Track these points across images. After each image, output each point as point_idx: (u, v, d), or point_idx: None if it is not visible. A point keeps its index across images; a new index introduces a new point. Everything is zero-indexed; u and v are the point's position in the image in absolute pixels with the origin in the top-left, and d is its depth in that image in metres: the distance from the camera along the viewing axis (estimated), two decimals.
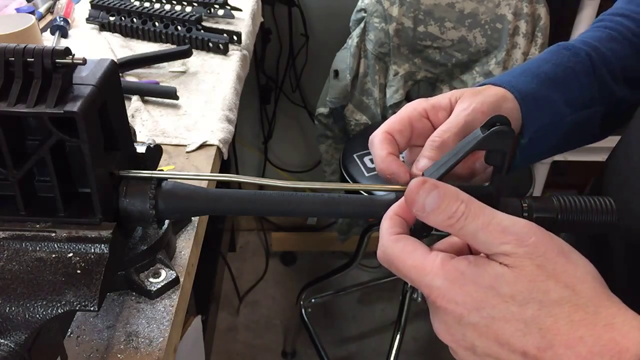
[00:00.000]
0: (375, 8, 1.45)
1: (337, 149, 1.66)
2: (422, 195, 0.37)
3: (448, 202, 0.36)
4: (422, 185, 0.37)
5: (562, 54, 0.55)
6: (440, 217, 0.36)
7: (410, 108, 0.49)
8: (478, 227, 0.35)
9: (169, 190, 0.48)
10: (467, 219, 0.36)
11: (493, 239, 0.35)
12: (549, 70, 0.53)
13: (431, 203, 0.36)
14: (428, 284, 0.36)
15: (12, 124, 0.45)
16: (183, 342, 0.71)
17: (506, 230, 0.35)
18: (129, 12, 1.14)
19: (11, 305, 0.43)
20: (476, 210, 0.36)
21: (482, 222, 0.35)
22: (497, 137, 0.39)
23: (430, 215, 0.37)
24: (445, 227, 0.37)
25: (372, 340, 1.87)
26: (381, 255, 0.39)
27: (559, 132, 0.53)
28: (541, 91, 0.51)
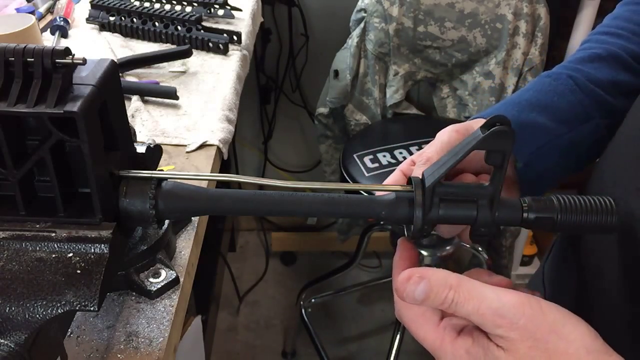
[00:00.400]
0: (375, 8, 1.45)
1: (337, 149, 1.66)
2: (411, 288, 0.39)
3: (437, 291, 0.38)
4: (409, 279, 0.39)
5: (542, 82, 0.56)
6: (432, 304, 0.39)
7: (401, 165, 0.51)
8: (470, 311, 0.37)
9: (169, 190, 0.47)
10: (458, 305, 0.38)
11: (486, 322, 0.37)
12: (530, 97, 0.54)
13: (420, 294, 0.38)
14: (438, 358, 0.40)
15: (12, 124, 0.45)
16: (183, 342, 0.71)
17: (497, 313, 0.36)
18: (129, 12, 1.14)
19: (11, 305, 0.43)
20: (465, 295, 0.37)
21: (472, 307, 0.37)
22: (497, 137, 0.39)
23: (423, 304, 0.39)
24: (441, 309, 0.39)
25: (372, 340, 1.88)
26: (398, 315, 0.42)
27: (559, 150, 0.53)
28: (523, 116, 0.53)
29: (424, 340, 0.40)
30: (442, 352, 0.39)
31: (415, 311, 0.41)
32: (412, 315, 0.41)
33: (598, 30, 0.61)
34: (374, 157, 1.36)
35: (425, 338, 0.40)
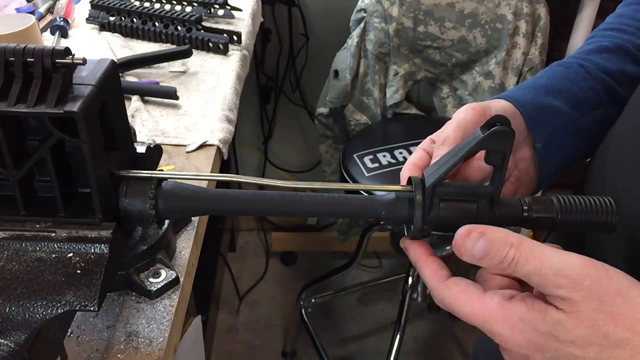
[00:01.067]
0: (375, 8, 1.45)
1: (337, 149, 1.66)
2: (470, 244, 0.37)
3: (497, 248, 0.37)
4: (469, 234, 0.38)
5: (554, 70, 0.57)
6: (490, 262, 0.37)
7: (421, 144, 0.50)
8: (530, 271, 0.36)
9: (169, 190, 0.47)
10: (518, 264, 0.36)
11: (547, 282, 0.35)
12: (544, 82, 0.55)
13: (480, 251, 0.37)
14: (489, 330, 0.37)
15: (12, 124, 0.45)
16: (183, 342, 0.71)
17: (560, 273, 0.35)
18: (129, 12, 1.14)
19: (11, 305, 0.43)
20: (527, 254, 0.36)
21: (534, 266, 0.35)
22: (497, 137, 0.39)
23: (480, 262, 0.37)
24: (498, 270, 0.38)
25: (372, 340, 1.87)
26: (439, 301, 0.40)
27: (574, 135, 0.54)
28: (540, 99, 0.53)
29: (471, 316, 0.38)
30: (492, 323, 0.37)
31: (456, 289, 0.39)
32: (454, 293, 0.39)
33: (602, 27, 0.62)
34: (374, 157, 1.36)
35: (472, 313, 0.38)
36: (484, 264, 0.37)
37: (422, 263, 0.42)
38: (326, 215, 0.46)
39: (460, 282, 0.40)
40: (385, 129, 1.54)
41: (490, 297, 0.38)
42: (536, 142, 0.53)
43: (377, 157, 1.36)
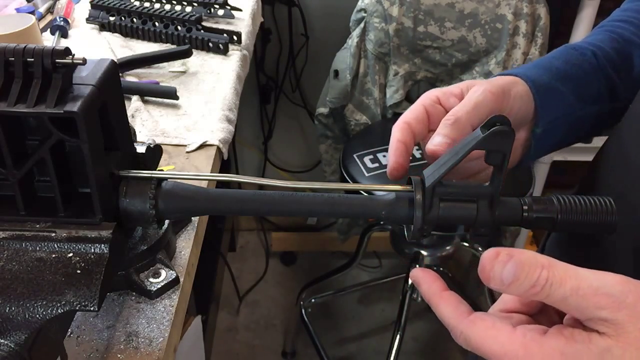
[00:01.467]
0: (375, 8, 1.45)
1: (337, 149, 1.66)
2: (498, 269, 0.34)
3: (528, 271, 0.33)
4: (496, 258, 0.34)
5: (570, 53, 0.56)
6: (521, 287, 0.33)
7: (424, 96, 0.50)
8: (567, 292, 0.32)
9: (169, 190, 0.47)
10: (553, 286, 0.33)
11: (587, 304, 0.32)
12: (560, 66, 0.54)
13: (509, 275, 0.33)
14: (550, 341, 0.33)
15: (12, 124, 0.45)
16: (183, 342, 0.71)
17: (600, 292, 0.32)
18: (129, 12, 1.14)
19: (11, 305, 0.43)
20: (561, 274, 0.33)
21: (572, 287, 0.32)
22: (497, 137, 0.39)
23: (510, 288, 0.34)
24: (529, 296, 0.34)
25: (372, 340, 1.87)
26: (462, 341, 0.36)
27: (569, 125, 0.54)
28: (553, 83, 0.52)
29: (504, 356, 0.33)
30: None
31: (483, 325, 0.35)
32: (481, 330, 0.35)
33: (611, 18, 0.62)
34: (374, 157, 1.36)
35: (504, 352, 0.33)
36: (513, 289, 0.33)
37: (438, 299, 0.38)
38: (326, 215, 0.46)
39: (486, 317, 0.35)
40: (385, 129, 1.54)
41: (522, 332, 0.34)
42: (537, 127, 0.52)
43: (377, 157, 1.36)
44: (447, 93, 0.50)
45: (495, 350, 0.34)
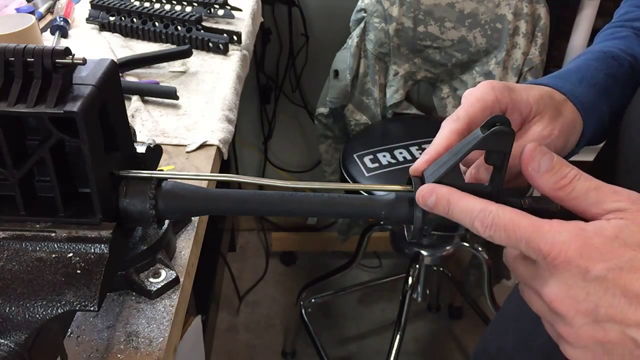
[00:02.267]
0: (375, 8, 1.45)
1: (337, 149, 1.66)
2: (538, 155, 0.38)
3: (561, 165, 0.38)
4: (537, 147, 0.38)
5: (610, 64, 0.55)
6: (554, 177, 0.37)
7: (493, 99, 0.47)
8: (591, 187, 0.37)
9: (169, 190, 0.48)
10: (580, 180, 0.37)
11: (605, 197, 0.36)
12: (602, 81, 0.53)
13: (546, 163, 0.38)
14: (550, 239, 0.35)
15: (12, 124, 0.45)
16: (183, 342, 0.71)
17: (618, 192, 0.36)
18: (129, 12, 1.14)
19: (11, 305, 0.43)
20: (586, 175, 0.37)
21: (595, 183, 0.37)
22: (497, 137, 0.39)
23: (544, 175, 0.38)
24: (556, 188, 0.37)
25: (372, 340, 1.87)
26: (488, 222, 0.38)
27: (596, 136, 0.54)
28: (597, 103, 0.52)
29: (531, 226, 0.36)
30: (553, 233, 0.35)
31: (511, 208, 0.38)
32: (511, 209, 0.37)
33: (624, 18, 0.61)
34: (374, 157, 1.36)
35: (532, 223, 0.36)
36: (546, 178, 0.38)
37: (461, 194, 0.40)
38: (326, 215, 0.46)
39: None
40: (385, 129, 1.54)
41: (547, 219, 0.37)
42: (577, 147, 0.53)
43: (377, 157, 1.36)
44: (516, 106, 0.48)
45: (524, 224, 0.36)
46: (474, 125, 0.45)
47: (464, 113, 0.46)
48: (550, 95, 0.50)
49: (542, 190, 0.39)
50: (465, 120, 0.45)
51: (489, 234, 0.38)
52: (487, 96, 0.46)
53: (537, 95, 0.49)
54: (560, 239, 0.35)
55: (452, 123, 0.45)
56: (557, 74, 0.55)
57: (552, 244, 0.35)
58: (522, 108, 0.48)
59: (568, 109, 0.50)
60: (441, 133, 0.45)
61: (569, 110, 0.50)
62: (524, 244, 0.36)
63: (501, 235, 0.37)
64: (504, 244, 0.38)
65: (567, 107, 0.50)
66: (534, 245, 0.36)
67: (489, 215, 0.38)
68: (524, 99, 0.48)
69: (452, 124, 0.45)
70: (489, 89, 0.47)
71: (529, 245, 0.36)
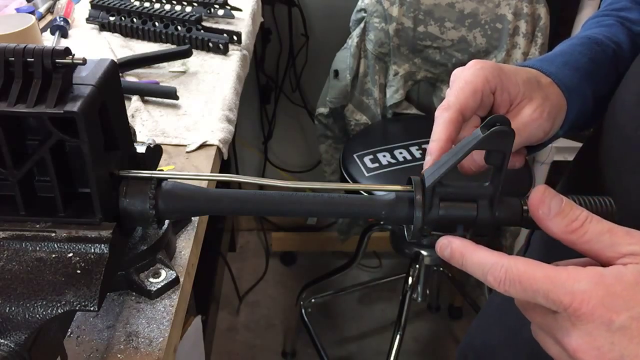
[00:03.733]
0: (375, 8, 1.45)
1: (337, 149, 1.66)
2: (547, 198, 0.38)
3: (571, 207, 0.37)
4: (546, 189, 0.38)
5: (594, 50, 0.55)
6: (564, 220, 0.37)
7: (483, 80, 0.47)
8: (604, 229, 0.36)
9: (169, 190, 0.48)
10: (592, 223, 0.36)
11: (620, 240, 0.36)
12: (586, 65, 0.54)
13: (556, 206, 0.37)
14: (569, 290, 0.34)
15: (12, 124, 0.45)
16: (183, 342, 0.71)
17: (631, 234, 0.36)
18: (129, 12, 1.14)
19: (11, 305, 0.43)
20: (597, 217, 0.37)
21: (607, 226, 0.36)
22: (497, 137, 0.39)
23: (555, 219, 0.37)
24: (568, 231, 0.37)
25: (372, 340, 1.87)
26: (501, 275, 0.37)
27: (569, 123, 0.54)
28: (580, 85, 0.52)
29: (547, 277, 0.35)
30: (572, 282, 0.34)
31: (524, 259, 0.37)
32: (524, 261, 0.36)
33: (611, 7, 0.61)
34: (374, 157, 1.36)
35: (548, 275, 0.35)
36: (557, 221, 0.37)
37: (475, 247, 0.40)
38: (326, 215, 0.46)
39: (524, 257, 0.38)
40: (385, 129, 1.54)
41: (562, 266, 0.36)
42: (560, 130, 0.52)
43: (377, 157, 1.36)
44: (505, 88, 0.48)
45: (539, 276, 0.35)
46: (466, 110, 0.46)
47: (455, 99, 0.46)
48: (537, 79, 0.50)
49: (553, 234, 0.38)
50: (457, 107, 0.45)
51: (504, 288, 0.37)
52: (477, 78, 0.46)
53: (525, 78, 0.49)
54: (580, 288, 0.34)
55: (444, 112, 0.45)
56: (543, 57, 0.55)
57: (572, 294, 0.34)
58: (510, 89, 0.48)
59: (553, 92, 0.50)
60: (437, 127, 0.46)
61: (555, 94, 0.50)
62: (541, 297, 0.35)
63: (517, 289, 0.36)
64: (521, 298, 0.37)
65: (553, 90, 0.50)
66: (553, 297, 0.35)
67: (501, 269, 0.37)
68: (513, 80, 0.48)
69: (445, 113, 0.45)
70: (478, 70, 0.47)
71: (547, 297, 0.35)
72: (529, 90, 0.49)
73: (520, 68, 0.50)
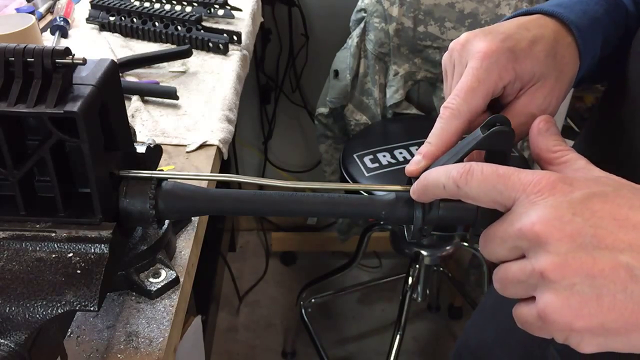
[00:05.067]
0: (375, 8, 1.45)
1: (337, 149, 1.66)
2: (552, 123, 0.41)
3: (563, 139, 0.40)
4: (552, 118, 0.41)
5: (609, 2, 0.52)
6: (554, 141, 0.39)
7: (497, 78, 0.44)
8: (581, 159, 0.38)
9: (169, 190, 0.48)
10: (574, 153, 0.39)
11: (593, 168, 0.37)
12: (602, 17, 0.49)
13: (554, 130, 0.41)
14: (531, 173, 0.35)
15: (12, 124, 0.45)
16: (183, 342, 0.71)
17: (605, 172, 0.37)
18: (129, 12, 1.14)
19: (11, 305, 0.43)
20: None
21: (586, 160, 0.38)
22: (497, 137, 0.39)
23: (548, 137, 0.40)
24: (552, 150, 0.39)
25: (372, 340, 1.87)
26: (465, 169, 0.37)
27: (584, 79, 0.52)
28: (595, 40, 0.49)
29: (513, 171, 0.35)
30: (539, 172, 0.35)
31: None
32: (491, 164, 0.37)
33: None
34: (374, 157, 1.36)
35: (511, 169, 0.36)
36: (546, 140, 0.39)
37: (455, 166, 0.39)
38: (326, 215, 0.46)
39: None
40: (385, 129, 1.54)
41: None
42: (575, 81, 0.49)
43: (377, 157, 1.36)
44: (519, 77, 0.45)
45: (505, 170, 0.36)
46: (474, 116, 0.43)
47: (466, 106, 0.43)
48: (555, 50, 0.45)
49: (538, 149, 0.39)
50: (467, 116, 0.43)
51: (466, 179, 0.36)
52: (490, 75, 0.43)
53: (542, 56, 0.45)
54: (541, 172, 0.35)
55: (452, 120, 0.43)
56: (560, 1, 0.50)
57: (533, 173, 0.34)
58: (524, 76, 0.45)
59: (569, 62, 0.46)
60: (441, 133, 0.43)
61: (570, 63, 0.47)
62: (502, 182, 0.35)
63: (479, 179, 0.36)
64: (482, 190, 0.36)
65: (568, 57, 0.46)
66: (514, 179, 0.35)
67: (466, 165, 0.37)
68: (528, 66, 0.44)
69: (453, 121, 0.43)
70: (492, 64, 0.43)
71: (508, 180, 0.35)
72: (543, 73, 0.45)
73: (538, 39, 0.45)
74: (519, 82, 0.45)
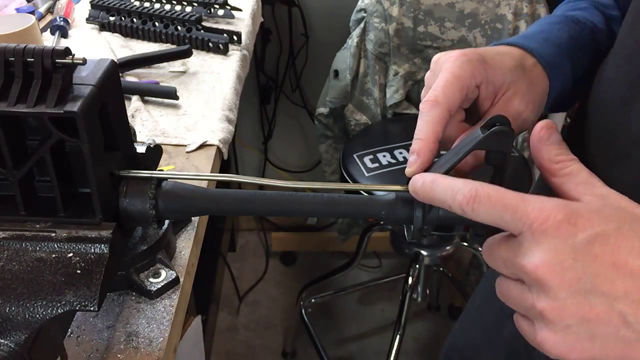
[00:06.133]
0: (375, 8, 1.45)
1: (337, 149, 1.66)
2: (553, 129, 0.39)
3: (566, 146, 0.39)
4: (554, 124, 0.40)
5: (573, 27, 0.55)
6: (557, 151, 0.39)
7: (470, 75, 0.46)
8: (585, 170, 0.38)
9: (169, 190, 0.48)
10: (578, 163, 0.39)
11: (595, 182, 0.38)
12: (566, 42, 0.53)
13: (556, 138, 0.39)
14: (538, 206, 0.35)
15: (12, 124, 0.45)
16: (183, 342, 0.71)
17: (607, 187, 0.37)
18: (129, 12, 1.14)
19: (11, 305, 0.43)
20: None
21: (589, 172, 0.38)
22: (497, 137, 0.39)
23: (550, 146, 0.39)
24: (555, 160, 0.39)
25: (372, 340, 1.87)
26: (472, 194, 0.37)
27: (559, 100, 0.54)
28: (561, 63, 0.52)
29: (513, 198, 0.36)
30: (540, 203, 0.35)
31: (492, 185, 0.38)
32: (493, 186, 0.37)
33: None
34: (374, 157, 1.36)
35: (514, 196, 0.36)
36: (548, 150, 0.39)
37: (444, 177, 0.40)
38: (326, 215, 0.46)
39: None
40: (385, 129, 1.54)
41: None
42: (546, 108, 0.52)
43: (377, 157, 1.36)
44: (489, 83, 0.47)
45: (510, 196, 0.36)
46: (453, 107, 0.45)
47: (443, 96, 0.44)
48: (522, 63, 0.49)
49: (541, 159, 0.39)
50: (445, 105, 0.44)
51: (473, 207, 0.37)
52: (464, 72, 0.45)
53: (511, 65, 0.48)
54: (548, 205, 0.35)
55: (432, 110, 0.44)
56: (523, 34, 0.54)
57: (540, 209, 0.34)
58: (496, 81, 0.47)
59: (537, 76, 0.50)
60: (424, 125, 0.45)
61: (539, 77, 0.50)
62: (509, 213, 0.35)
63: (486, 207, 0.36)
64: (488, 218, 0.37)
65: (537, 73, 0.50)
66: (521, 212, 0.35)
67: (472, 189, 0.37)
68: (498, 71, 0.47)
69: (433, 110, 0.44)
70: (464, 62, 0.45)
71: (515, 213, 0.35)
72: (514, 79, 0.48)
73: (505, 54, 0.49)
74: (491, 85, 0.47)
